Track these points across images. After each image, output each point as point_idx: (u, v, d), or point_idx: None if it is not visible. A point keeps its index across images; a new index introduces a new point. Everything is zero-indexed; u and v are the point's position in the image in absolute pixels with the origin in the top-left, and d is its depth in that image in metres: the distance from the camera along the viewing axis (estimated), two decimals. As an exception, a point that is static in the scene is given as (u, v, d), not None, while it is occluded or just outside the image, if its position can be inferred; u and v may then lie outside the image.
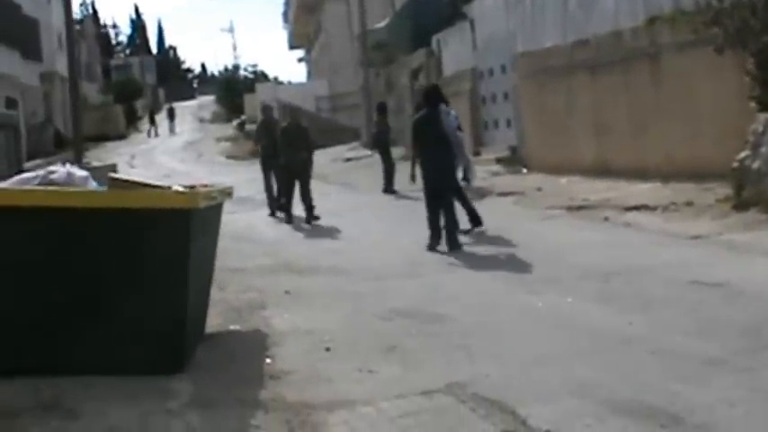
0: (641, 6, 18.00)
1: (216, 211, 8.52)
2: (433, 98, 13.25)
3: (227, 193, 8.92)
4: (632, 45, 18.29)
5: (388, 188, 22.12)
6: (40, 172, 7.78)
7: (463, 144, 13.21)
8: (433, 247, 12.75)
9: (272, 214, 18.57)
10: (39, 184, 7.39)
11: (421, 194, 13.61)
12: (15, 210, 6.94)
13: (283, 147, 17.80)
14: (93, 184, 7.89)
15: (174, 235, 7.06)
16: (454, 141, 12.86)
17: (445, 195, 13.00)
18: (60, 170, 7.80)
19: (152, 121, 69.82)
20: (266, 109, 21.82)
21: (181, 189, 7.74)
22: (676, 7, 16.59)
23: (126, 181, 8.22)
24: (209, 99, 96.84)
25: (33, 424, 6.06)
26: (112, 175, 8.79)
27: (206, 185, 8.64)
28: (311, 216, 17.25)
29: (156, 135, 67.27)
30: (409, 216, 16.33)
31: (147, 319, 7.04)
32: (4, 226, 6.97)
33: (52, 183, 7.43)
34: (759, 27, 13.60)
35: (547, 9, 21.85)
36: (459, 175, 13.68)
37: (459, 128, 13.52)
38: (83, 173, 7.99)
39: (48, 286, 7.00)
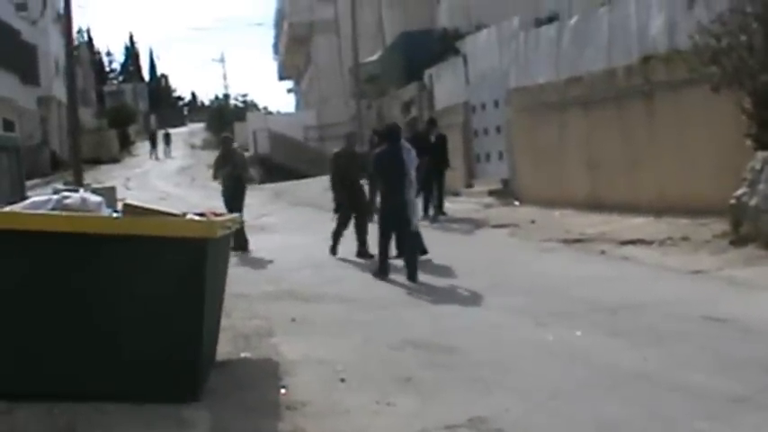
0: (635, 45, 18.15)
1: (227, 238, 8.50)
2: (394, 135, 13.65)
3: (239, 221, 8.97)
4: (626, 82, 18.45)
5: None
6: (54, 197, 7.72)
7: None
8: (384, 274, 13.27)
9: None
10: (53, 209, 7.30)
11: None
12: (33, 234, 6.92)
13: (336, 179, 16.50)
14: (106, 210, 7.89)
15: (191, 263, 7.05)
16: (408, 181, 13.11)
17: (411, 225, 13.35)
18: (74, 195, 7.76)
19: (153, 145, 70.41)
20: (225, 140, 20.72)
21: (197, 218, 7.76)
22: (671, 46, 16.75)
23: (140, 208, 8.23)
24: (199, 126, 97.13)
25: (50, 451, 5.95)
26: (128, 201, 8.80)
27: (218, 214, 8.65)
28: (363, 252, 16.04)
29: (158, 158, 67.80)
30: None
31: (163, 346, 7.01)
32: (21, 250, 6.95)
33: (67, 207, 7.33)
34: (757, 67, 13.75)
35: (540, 46, 22.02)
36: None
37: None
38: (97, 198, 7.91)
39: (64, 312, 6.97)
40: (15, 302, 6.97)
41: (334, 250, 16.37)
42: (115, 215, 7.72)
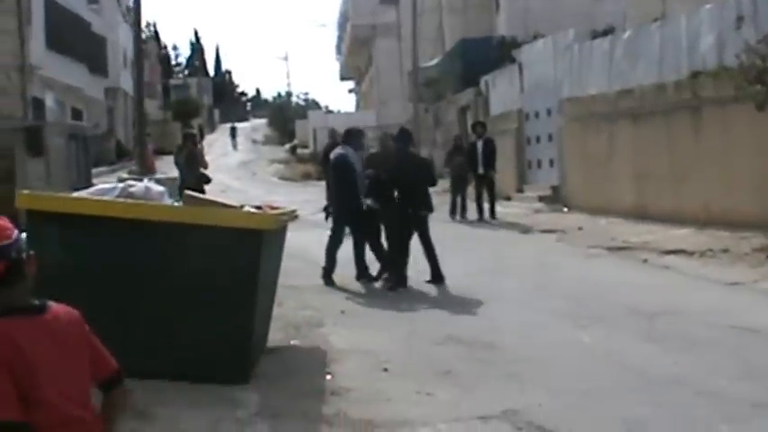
0: (685, 60, 18.34)
1: (282, 231, 8.86)
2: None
3: (294, 216, 9.29)
4: (675, 97, 18.65)
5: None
6: (119, 185, 8.13)
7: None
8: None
9: None
10: (118, 196, 7.74)
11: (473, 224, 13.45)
12: (99, 219, 7.37)
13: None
14: (169, 200, 8.32)
15: (247, 253, 7.44)
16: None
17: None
18: (139, 184, 8.21)
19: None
20: (190, 137, 19.69)
21: (253, 210, 8.18)
22: (719, 63, 16.94)
23: (200, 199, 8.68)
24: (261, 122, 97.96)
25: (110, 424, 6.44)
26: (188, 192, 9.25)
27: (275, 208, 9.02)
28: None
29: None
30: (458, 244, 16.49)
31: (217, 330, 7.40)
32: (87, 233, 7.41)
33: (131, 196, 7.78)
34: (800, 87, 13.92)
35: (593, 58, 22.25)
36: None
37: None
38: (159, 188, 8.34)
39: (127, 293, 7.41)
40: (80, 282, 7.28)
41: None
42: (176, 204, 8.19)
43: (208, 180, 18.87)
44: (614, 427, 6.52)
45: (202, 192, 16.68)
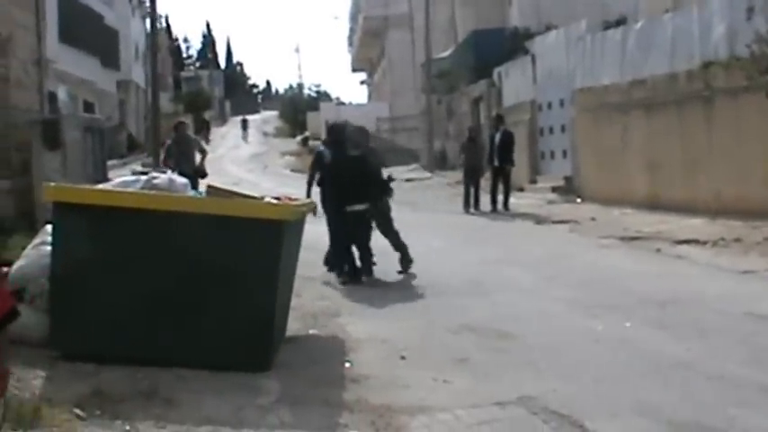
0: (697, 51, 18.47)
1: (300, 222, 9.03)
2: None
3: (312, 207, 9.51)
4: (687, 87, 18.76)
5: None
6: (142, 177, 8.32)
7: None
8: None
9: None
10: (142, 188, 7.93)
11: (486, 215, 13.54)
12: (125, 211, 7.52)
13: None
14: (191, 192, 8.50)
15: (267, 243, 7.59)
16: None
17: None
18: (162, 176, 8.39)
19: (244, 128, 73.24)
20: (180, 125, 19.75)
21: (274, 201, 8.35)
22: (731, 53, 17.02)
23: (223, 190, 8.85)
24: (272, 114, 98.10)
25: (137, 409, 6.58)
26: (210, 184, 9.41)
27: (293, 199, 9.17)
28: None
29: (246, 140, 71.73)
30: (472, 235, 16.54)
31: (240, 319, 7.55)
32: (114, 225, 7.53)
33: (155, 187, 7.97)
34: (811, 77, 14.03)
35: (606, 48, 22.38)
36: None
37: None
38: (183, 180, 8.54)
39: (151, 283, 7.53)
40: (108, 272, 7.55)
41: None
42: (200, 196, 8.36)
43: (204, 174, 18.79)
44: (627, 410, 6.65)
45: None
